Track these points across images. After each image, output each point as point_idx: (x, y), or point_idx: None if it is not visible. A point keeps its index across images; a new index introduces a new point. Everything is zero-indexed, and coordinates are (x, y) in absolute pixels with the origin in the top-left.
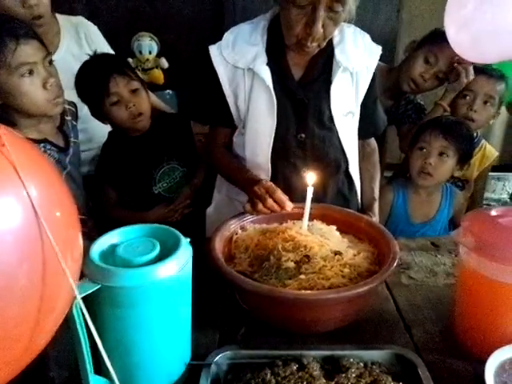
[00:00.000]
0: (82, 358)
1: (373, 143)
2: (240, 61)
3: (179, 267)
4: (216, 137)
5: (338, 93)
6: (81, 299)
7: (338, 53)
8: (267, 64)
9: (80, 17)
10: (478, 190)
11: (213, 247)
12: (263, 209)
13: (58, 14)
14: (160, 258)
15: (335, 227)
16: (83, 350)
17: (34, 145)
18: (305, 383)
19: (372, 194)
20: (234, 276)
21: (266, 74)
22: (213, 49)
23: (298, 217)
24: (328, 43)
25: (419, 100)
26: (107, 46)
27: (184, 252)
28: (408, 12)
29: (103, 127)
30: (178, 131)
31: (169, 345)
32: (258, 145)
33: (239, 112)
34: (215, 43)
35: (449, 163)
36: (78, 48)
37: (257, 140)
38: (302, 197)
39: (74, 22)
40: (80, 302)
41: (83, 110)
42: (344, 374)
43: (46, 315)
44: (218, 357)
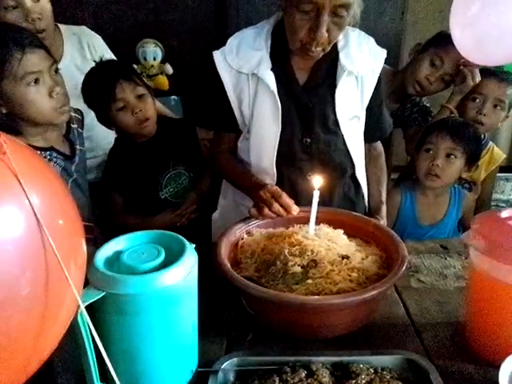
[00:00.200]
0: (88, 367)
1: (379, 147)
2: (244, 66)
3: (184, 274)
4: (221, 142)
5: (343, 97)
6: (85, 307)
7: (343, 57)
8: (271, 69)
9: (83, 26)
10: (486, 192)
11: (219, 252)
12: (269, 213)
13: (61, 24)
14: (165, 265)
15: (342, 231)
16: (89, 359)
17: (36, 152)
18: None
19: (379, 198)
20: (241, 281)
21: (271, 79)
22: (217, 54)
23: (305, 221)
24: (332, 47)
25: (425, 102)
26: (111, 55)
27: (189, 258)
28: (412, 14)
29: (108, 134)
30: (184, 136)
31: (175, 352)
32: (263, 149)
33: (244, 117)
34: (219, 49)
35: (456, 164)
36: (81, 58)
37: (262, 145)
38: (308, 201)
39: (77, 32)
40: (84, 311)
41: (88, 118)
42: (354, 381)
43: (50, 324)
44: (226, 363)
